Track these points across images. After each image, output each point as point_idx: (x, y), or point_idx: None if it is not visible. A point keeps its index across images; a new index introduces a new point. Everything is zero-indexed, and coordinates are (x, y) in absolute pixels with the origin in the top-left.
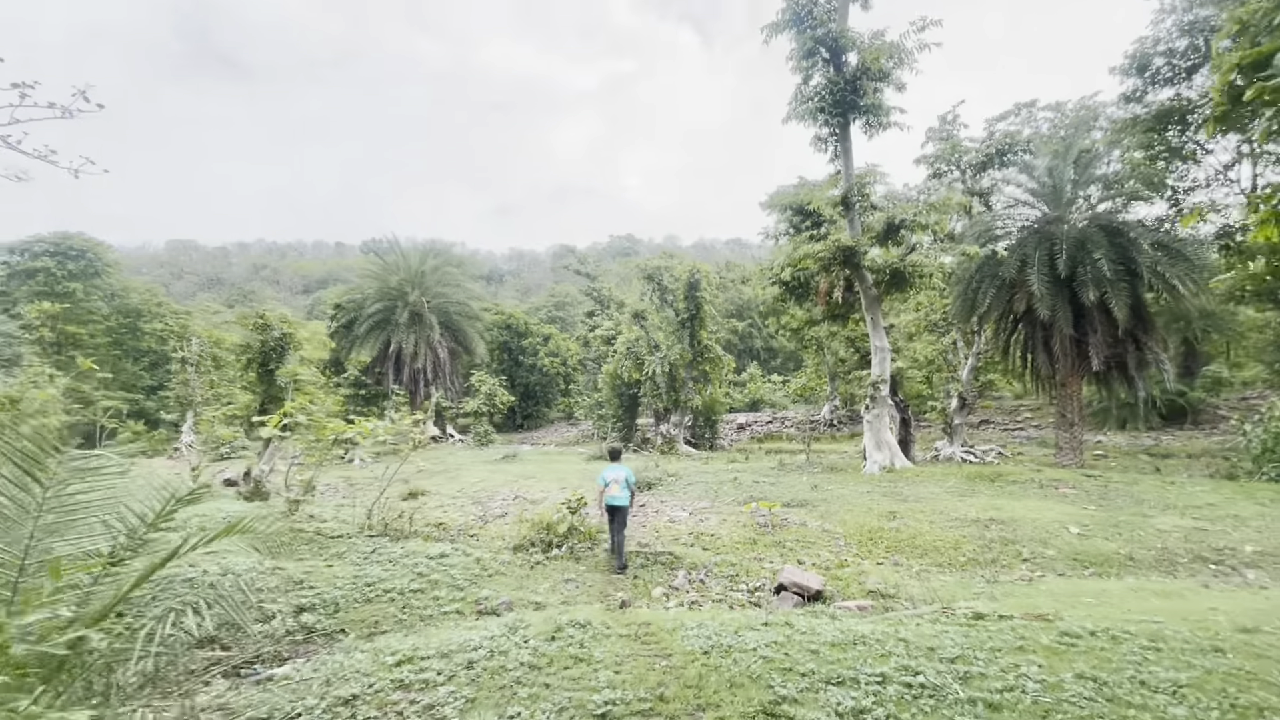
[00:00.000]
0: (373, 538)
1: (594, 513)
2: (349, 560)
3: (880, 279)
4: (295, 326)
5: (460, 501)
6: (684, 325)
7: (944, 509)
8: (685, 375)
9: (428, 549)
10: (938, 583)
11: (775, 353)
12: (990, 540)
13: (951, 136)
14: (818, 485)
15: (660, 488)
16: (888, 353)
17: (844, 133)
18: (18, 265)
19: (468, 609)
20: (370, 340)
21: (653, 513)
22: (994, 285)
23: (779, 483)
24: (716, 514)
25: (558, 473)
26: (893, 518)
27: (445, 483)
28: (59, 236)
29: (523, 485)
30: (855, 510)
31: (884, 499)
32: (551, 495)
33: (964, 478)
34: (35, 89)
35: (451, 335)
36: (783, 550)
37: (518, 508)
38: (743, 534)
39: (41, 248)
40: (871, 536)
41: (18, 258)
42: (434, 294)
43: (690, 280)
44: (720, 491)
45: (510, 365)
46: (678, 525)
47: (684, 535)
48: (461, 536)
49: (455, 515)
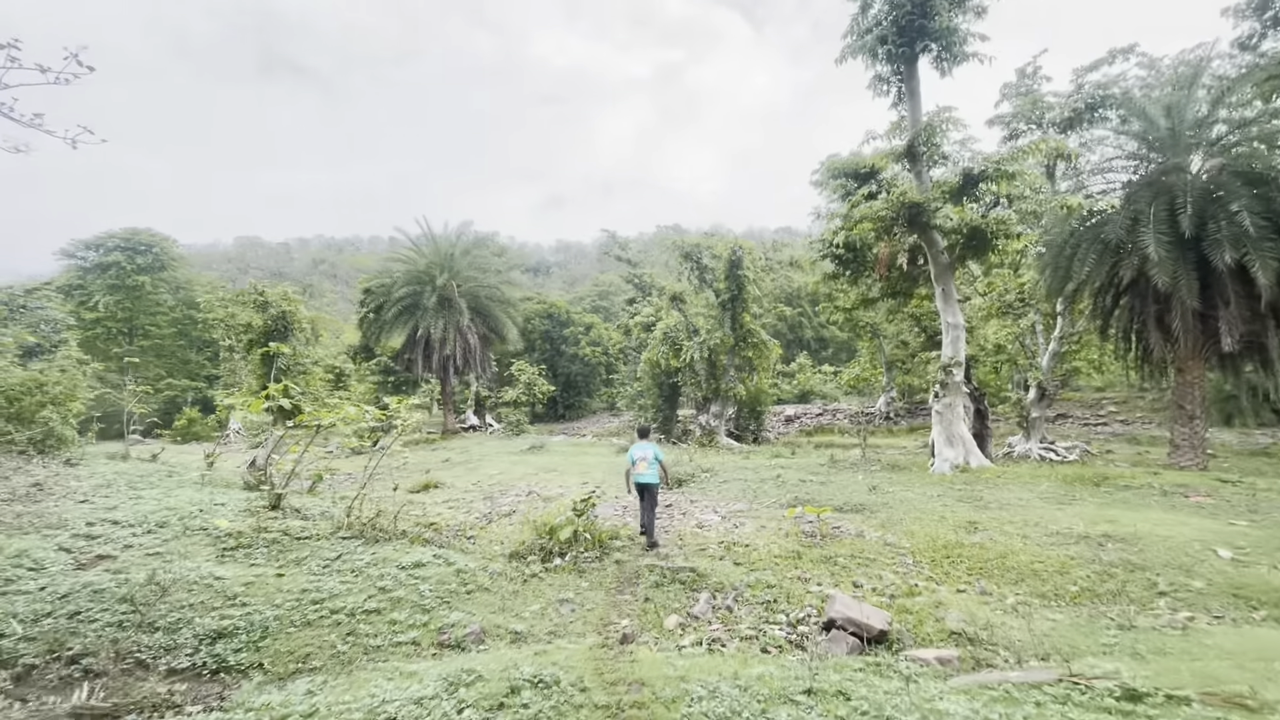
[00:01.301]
0: (346, 539)
1: (605, 513)
2: (307, 568)
3: (955, 242)
4: (295, 304)
5: (470, 496)
6: (725, 307)
7: (1039, 519)
8: (726, 362)
9: (404, 556)
10: (1045, 623)
11: (826, 342)
12: (1109, 564)
13: (1031, 92)
14: (877, 486)
15: (692, 485)
16: (962, 330)
17: (909, 68)
18: (91, 261)
19: (427, 639)
20: (398, 326)
21: (679, 514)
22: (1095, 250)
23: (830, 482)
24: (754, 518)
25: (582, 465)
26: (973, 529)
27: (464, 474)
28: (129, 232)
29: (542, 479)
30: (924, 519)
31: (960, 505)
32: (569, 491)
33: (1059, 480)
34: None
35: (482, 320)
36: (833, 569)
37: (528, 505)
38: (784, 545)
39: (114, 243)
40: (947, 553)
41: (93, 253)
42: (464, 277)
43: (732, 258)
44: (760, 491)
45: (552, 355)
46: (707, 531)
47: (713, 544)
48: (457, 539)
49: (459, 512)
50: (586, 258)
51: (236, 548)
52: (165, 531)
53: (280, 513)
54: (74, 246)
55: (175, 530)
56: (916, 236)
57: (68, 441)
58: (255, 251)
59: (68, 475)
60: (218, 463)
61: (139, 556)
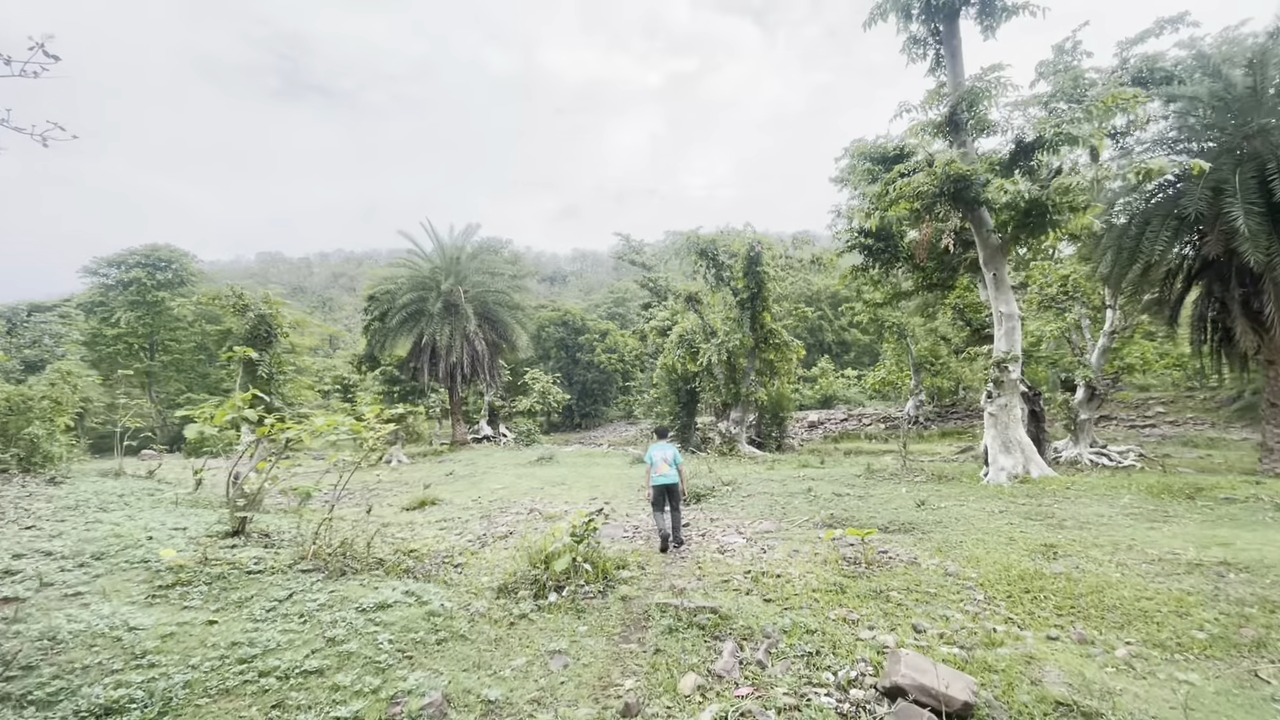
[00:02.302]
0: (307, 573)
1: (612, 533)
2: (248, 612)
3: (1008, 220)
4: (277, 306)
5: (467, 514)
6: (744, 307)
7: (1131, 542)
8: (746, 365)
9: (369, 594)
10: (1180, 687)
11: (848, 346)
12: (1239, 603)
13: (1071, 68)
14: (925, 501)
15: (712, 500)
16: (1017, 321)
17: (949, 26)
18: (114, 278)
19: (373, 713)
20: (403, 333)
21: (698, 536)
22: (1168, 226)
23: (869, 496)
24: (784, 540)
25: (592, 478)
26: (1052, 555)
27: (466, 489)
28: (149, 248)
29: (547, 494)
30: (989, 541)
31: (1029, 524)
32: (576, 507)
33: (1142, 492)
34: None
35: (491, 327)
36: (886, 606)
37: (528, 524)
38: (823, 576)
39: (135, 259)
40: (1026, 586)
41: (116, 270)
42: (471, 283)
43: (750, 254)
44: (790, 507)
45: (567, 363)
46: (730, 558)
47: (737, 574)
48: (441, 568)
49: (451, 534)
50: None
51: (174, 585)
52: (99, 565)
53: (243, 539)
54: (97, 264)
55: (113, 563)
56: (962, 216)
57: (54, 458)
58: (277, 267)
59: (41, 495)
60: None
61: (54, 599)
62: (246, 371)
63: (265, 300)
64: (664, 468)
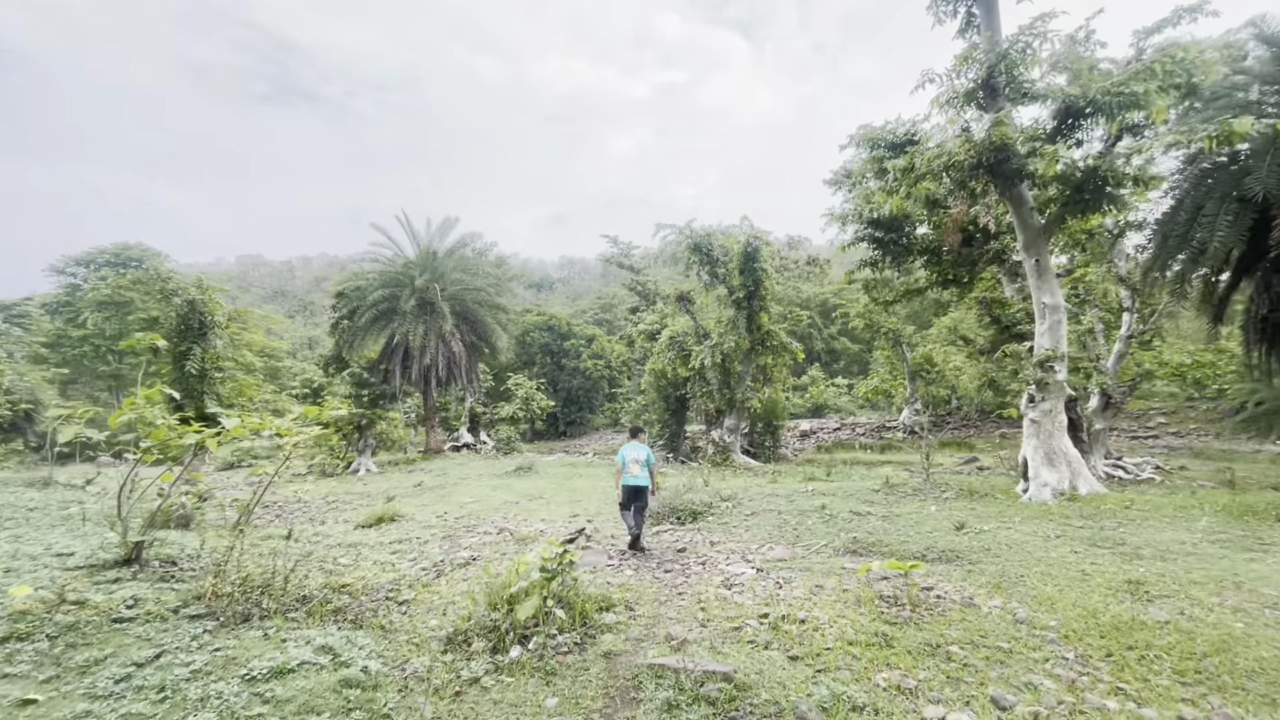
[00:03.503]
0: (197, 618)
1: (593, 561)
2: (89, 683)
3: (1058, 194)
4: (211, 292)
5: (429, 534)
6: (739, 306)
7: (1234, 578)
8: (742, 368)
9: (269, 652)
10: None
11: (837, 355)
12: None
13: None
14: (964, 524)
15: (710, 519)
16: (1062, 314)
17: None
18: (82, 277)
19: None
20: (373, 332)
21: (697, 564)
22: (1228, 209)
23: (894, 516)
24: (803, 572)
25: (574, 491)
26: (1141, 594)
27: (433, 502)
28: (119, 247)
29: (522, 510)
30: (1057, 575)
31: (1097, 552)
32: (552, 528)
33: (1221, 513)
34: None
35: (469, 327)
36: (949, 667)
37: (496, 548)
38: (859, 621)
39: (104, 259)
40: (1123, 639)
41: (84, 270)
42: (449, 280)
43: (747, 249)
44: (803, 529)
45: (552, 369)
46: (739, 594)
47: (750, 618)
48: (382, 607)
49: (404, 560)
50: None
51: (4, 640)
52: None
53: (136, 569)
54: (64, 263)
55: None
56: (1000, 193)
57: None
58: (257, 270)
59: None
60: None
61: None
62: (175, 367)
63: (198, 285)
64: (636, 469)
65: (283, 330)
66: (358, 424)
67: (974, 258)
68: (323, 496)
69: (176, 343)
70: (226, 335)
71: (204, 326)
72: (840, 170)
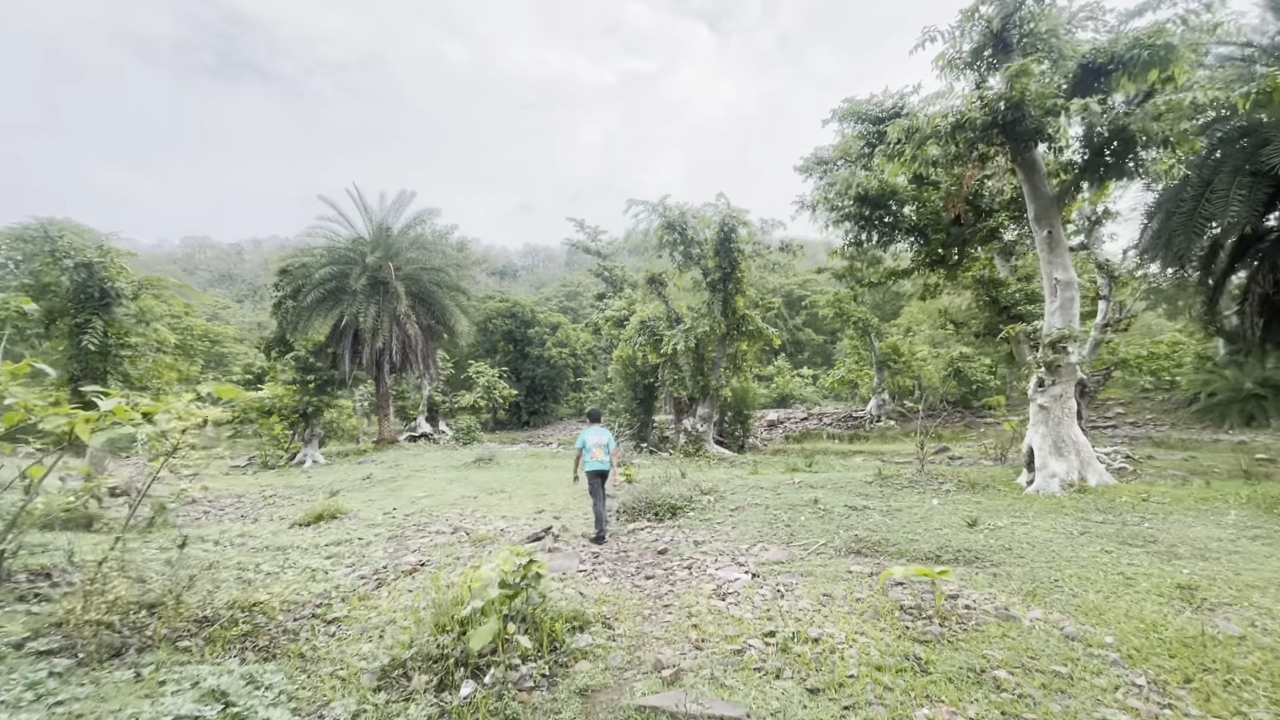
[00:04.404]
0: (46, 655)
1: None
2: None
3: (1074, 161)
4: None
5: (372, 534)
6: (714, 289)
7: None
8: (716, 354)
9: (139, 702)
10: None
11: (802, 346)
12: None
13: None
14: (977, 520)
15: (691, 514)
16: (1075, 290)
17: None
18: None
19: None
20: (320, 313)
21: (680, 569)
22: (1241, 184)
23: (895, 510)
24: (805, 576)
25: (539, 484)
26: (1197, 601)
27: (382, 496)
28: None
29: (482, 505)
30: (1095, 579)
31: (1130, 551)
32: (515, 526)
33: (1247, 505)
34: None
35: (426, 309)
36: (1000, 699)
37: (450, 550)
38: (881, 638)
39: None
40: (1200, 660)
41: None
42: (405, 259)
43: (723, 229)
44: (797, 525)
45: (515, 357)
46: (735, 606)
47: (753, 638)
48: (305, 629)
49: (341, 565)
50: (555, 262)
51: None
52: None
53: None
54: None
55: None
56: (1009, 158)
57: None
58: (204, 253)
59: None
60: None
61: None
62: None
63: (99, 250)
64: (599, 453)
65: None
66: (303, 412)
67: (964, 237)
68: (259, 491)
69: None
70: (136, 307)
71: (106, 296)
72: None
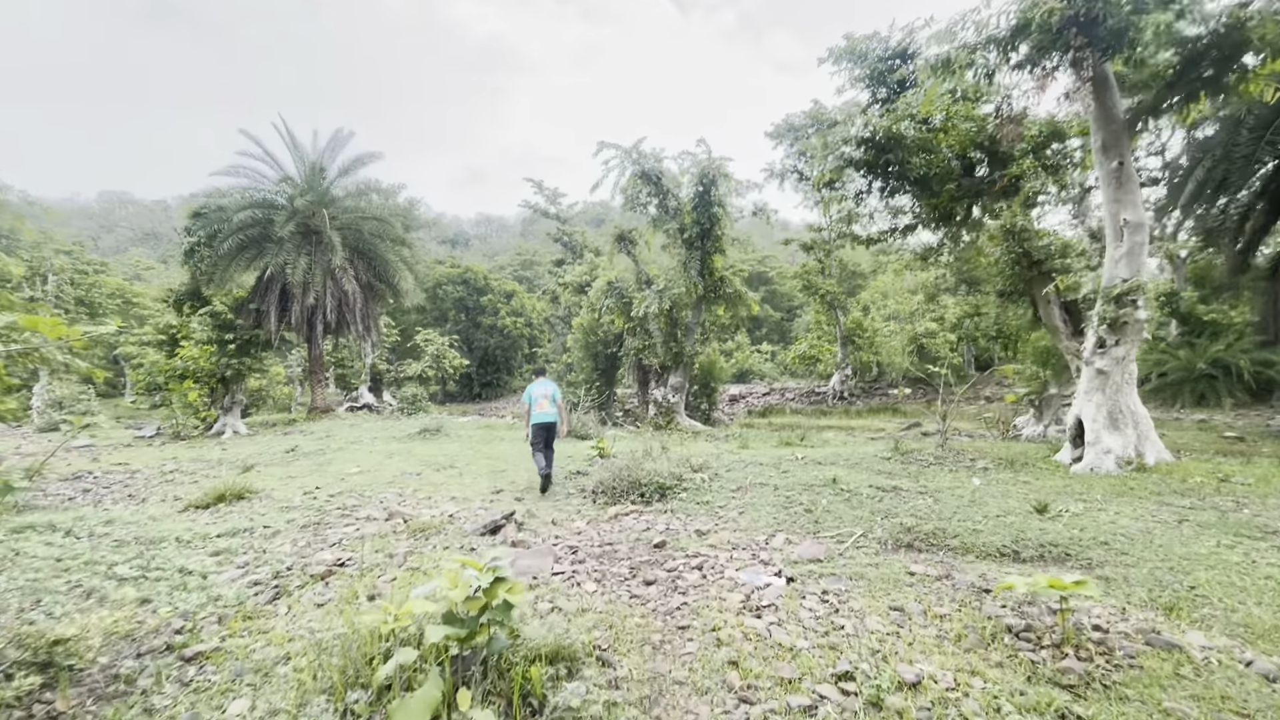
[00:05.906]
0: None
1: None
2: None
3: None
4: None
5: (283, 521)
6: (691, 246)
7: None
8: (691, 319)
9: None
10: None
11: (760, 322)
12: None
13: None
14: (1047, 506)
15: (682, 495)
16: (1145, 233)
17: None
18: None
19: None
20: (240, 263)
21: (688, 569)
22: None
23: (933, 491)
24: (855, 580)
25: (494, 459)
26: None
27: (306, 472)
28: None
29: (425, 484)
30: (1245, 585)
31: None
32: (467, 510)
33: None
34: None
35: (366, 264)
36: None
37: (379, 544)
38: (998, 677)
39: None
40: None
41: None
42: (340, 207)
43: (703, 180)
44: (819, 509)
45: (467, 326)
46: (777, 628)
47: (817, 680)
48: (147, 673)
49: (230, 566)
50: (509, 231)
51: None
52: None
53: None
54: None
55: None
56: (1077, 73)
57: None
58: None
59: None
60: None
61: None
62: None
63: None
64: (545, 404)
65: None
66: (221, 375)
67: (979, 188)
68: (160, 465)
69: None
70: None
71: None
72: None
